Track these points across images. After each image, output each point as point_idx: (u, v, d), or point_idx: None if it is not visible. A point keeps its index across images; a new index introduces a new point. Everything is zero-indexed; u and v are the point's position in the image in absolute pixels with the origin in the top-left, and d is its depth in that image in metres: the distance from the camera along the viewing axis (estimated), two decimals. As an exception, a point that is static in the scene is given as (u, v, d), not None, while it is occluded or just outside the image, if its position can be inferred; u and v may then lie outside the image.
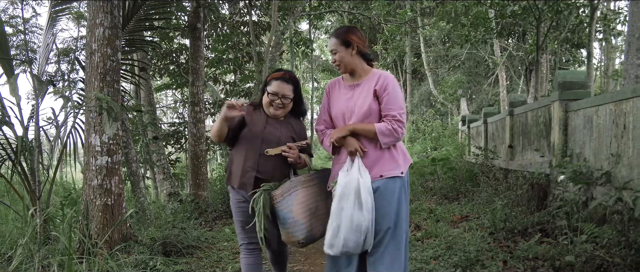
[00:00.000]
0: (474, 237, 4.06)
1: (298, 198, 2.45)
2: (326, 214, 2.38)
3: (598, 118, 4.07)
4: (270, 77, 2.64)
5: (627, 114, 3.53)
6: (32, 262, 3.81)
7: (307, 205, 2.46)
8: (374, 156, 2.38)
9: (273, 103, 2.58)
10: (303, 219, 2.42)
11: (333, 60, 2.51)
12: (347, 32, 2.48)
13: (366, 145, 2.38)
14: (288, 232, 2.45)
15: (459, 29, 11.87)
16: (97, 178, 4.36)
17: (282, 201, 2.44)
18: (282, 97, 2.57)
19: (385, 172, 2.36)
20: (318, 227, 2.46)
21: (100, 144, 4.39)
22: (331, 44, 2.50)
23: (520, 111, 6.65)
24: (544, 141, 5.45)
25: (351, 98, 2.47)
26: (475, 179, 7.31)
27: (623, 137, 3.61)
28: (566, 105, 4.78)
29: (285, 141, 2.57)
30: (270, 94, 2.57)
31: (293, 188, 2.47)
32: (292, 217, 2.42)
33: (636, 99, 3.40)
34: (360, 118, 2.40)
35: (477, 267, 3.17)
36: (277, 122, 2.63)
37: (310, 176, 2.56)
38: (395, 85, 2.42)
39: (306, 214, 2.43)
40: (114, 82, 4.53)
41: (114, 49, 4.52)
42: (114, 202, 4.39)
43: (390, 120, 2.35)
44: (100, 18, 4.45)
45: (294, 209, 2.42)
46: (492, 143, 8.38)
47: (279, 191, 2.46)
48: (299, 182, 2.51)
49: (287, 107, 2.62)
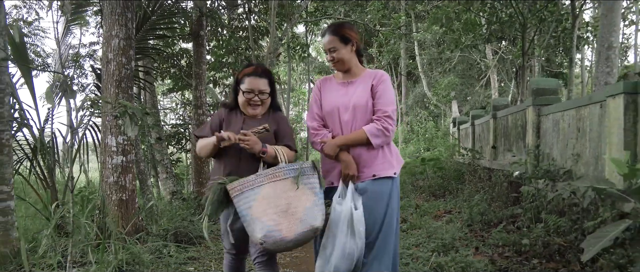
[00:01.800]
0: (453, 228, 4.55)
1: (262, 193, 2.18)
2: (307, 213, 2.18)
3: (563, 122, 4.56)
4: (241, 74, 2.45)
5: (585, 119, 4.02)
6: (54, 251, 4.26)
7: (274, 202, 2.17)
8: (366, 156, 2.32)
9: (250, 102, 2.39)
10: (265, 217, 2.14)
11: (330, 58, 2.38)
12: (343, 28, 2.38)
13: (358, 146, 2.32)
14: (248, 230, 2.19)
15: (451, 34, 12.38)
16: (113, 175, 4.80)
17: (240, 196, 2.18)
18: (259, 93, 2.39)
19: (378, 172, 2.32)
20: (291, 227, 2.15)
21: (116, 145, 4.83)
22: (328, 41, 2.36)
23: (502, 114, 7.14)
24: (522, 142, 5.94)
25: (345, 94, 2.39)
26: (462, 178, 7.80)
27: (582, 139, 4.10)
28: (539, 110, 5.27)
29: (266, 138, 2.34)
30: (245, 92, 2.38)
31: (257, 182, 2.20)
32: (250, 214, 2.15)
33: (592, 105, 3.89)
34: (357, 114, 2.34)
35: (452, 252, 3.64)
36: (255, 120, 2.42)
37: (280, 168, 2.24)
38: (389, 83, 2.40)
39: (271, 211, 2.16)
40: (128, 88, 4.98)
41: (128, 58, 4.97)
42: (128, 198, 4.84)
43: (381, 117, 2.31)
44: (115, 30, 4.89)
45: (255, 206, 2.16)
46: (479, 144, 8.87)
47: (236, 183, 2.20)
48: (267, 175, 2.22)
49: (265, 103, 2.44)
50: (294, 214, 2.17)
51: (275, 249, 2.21)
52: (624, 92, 3.12)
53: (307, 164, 2.29)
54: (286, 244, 2.16)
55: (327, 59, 2.41)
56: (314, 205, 2.22)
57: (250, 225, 2.16)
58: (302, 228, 2.16)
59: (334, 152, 2.31)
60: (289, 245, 2.18)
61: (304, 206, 2.19)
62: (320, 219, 2.21)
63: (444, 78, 20.78)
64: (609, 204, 2.88)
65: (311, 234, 2.19)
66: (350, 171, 2.28)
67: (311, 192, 2.24)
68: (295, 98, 28.33)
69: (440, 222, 5.09)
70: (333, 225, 2.22)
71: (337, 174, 2.37)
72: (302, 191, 2.22)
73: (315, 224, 2.19)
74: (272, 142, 2.39)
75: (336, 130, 2.39)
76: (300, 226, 2.15)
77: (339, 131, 2.38)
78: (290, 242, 2.16)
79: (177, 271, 3.63)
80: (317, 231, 2.20)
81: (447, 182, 7.86)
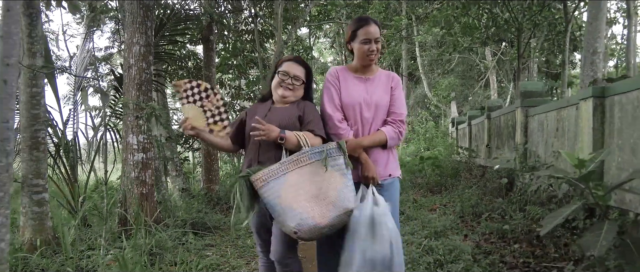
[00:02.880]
0: (446, 219, 4.97)
1: (288, 181, 2.11)
2: (339, 196, 2.12)
3: (547, 122, 4.98)
4: (281, 61, 2.49)
5: (564, 119, 4.44)
6: (81, 239, 4.70)
7: (303, 188, 2.11)
8: (381, 156, 2.38)
9: (283, 83, 2.37)
10: (295, 204, 2.07)
11: (373, 49, 2.35)
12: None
13: (376, 147, 2.37)
14: (279, 221, 2.14)
15: (450, 37, 12.80)
16: (134, 171, 5.24)
17: (267, 187, 2.11)
18: (293, 78, 2.38)
19: (393, 172, 2.42)
20: (324, 213, 2.09)
21: (137, 143, 5.27)
22: (375, 31, 2.36)
23: (495, 115, 7.57)
24: (512, 140, 6.36)
25: (366, 91, 2.40)
26: (459, 175, 8.22)
27: (561, 138, 4.52)
28: (526, 111, 5.69)
29: (287, 124, 2.27)
30: (281, 73, 2.39)
31: (281, 170, 2.14)
32: (280, 204, 2.08)
33: (569, 107, 4.31)
34: (378, 113, 2.38)
35: (443, 238, 4.06)
36: (280, 109, 2.39)
37: (304, 153, 2.17)
38: (402, 87, 2.51)
39: (301, 199, 2.10)
40: (148, 91, 5.41)
41: (148, 63, 5.40)
42: (148, 191, 5.28)
43: (397, 122, 2.39)
44: (136, 38, 5.33)
45: (283, 195, 2.09)
46: (475, 143, 9.30)
47: (260, 174, 2.12)
48: (291, 162, 2.16)
49: (296, 90, 2.40)
50: (326, 198, 2.11)
51: (310, 237, 2.12)
52: (593, 96, 3.54)
53: (332, 146, 2.19)
54: (321, 230, 2.09)
55: (368, 48, 2.35)
56: (345, 186, 2.15)
57: (281, 215, 2.09)
58: (336, 212, 2.10)
59: (357, 153, 2.30)
60: (324, 231, 2.11)
61: (336, 189, 2.12)
62: (353, 199, 2.15)
63: (445, 79, 21.21)
64: (579, 193, 3.30)
65: (345, 217, 2.13)
66: (371, 173, 2.28)
67: (339, 174, 2.16)
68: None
69: (434, 214, 5.52)
70: (352, 229, 2.15)
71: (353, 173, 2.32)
72: (330, 174, 2.14)
73: (350, 205, 2.13)
74: (296, 128, 2.29)
75: (356, 125, 2.38)
76: (333, 210, 2.09)
77: (359, 127, 2.38)
78: (324, 228, 2.10)
79: (197, 255, 4.05)
80: (351, 212, 2.14)
81: (444, 179, 8.27)
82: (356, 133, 2.37)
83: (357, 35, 2.37)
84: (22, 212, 4.44)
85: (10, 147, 1.87)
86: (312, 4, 11.16)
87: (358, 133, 2.38)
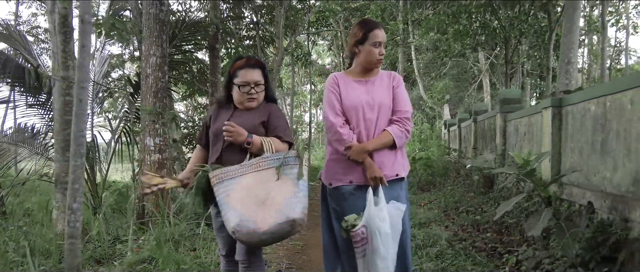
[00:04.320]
0: (431, 213, 5.58)
1: (242, 183, 2.14)
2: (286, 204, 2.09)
3: (520, 127, 5.59)
4: (233, 67, 2.38)
5: (533, 125, 5.05)
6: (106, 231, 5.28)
7: (254, 191, 2.12)
8: (389, 156, 2.36)
9: (247, 95, 2.32)
10: (240, 205, 2.08)
11: (383, 52, 2.41)
12: None
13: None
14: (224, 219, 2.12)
15: (443, 43, 13.43)
16: (151, 170, 5.83)
17: (220, 185, 2.14)
18: (255, 86, 2.32)
19: (400, 172, 2.39)
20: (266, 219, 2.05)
21: (154, 145, 5.86)
22: (384, 36, 2.41)
23: (481, 119, 8.18)
24: (493, 143, 6.97)
25: (367, 92, 2.40)
26: (447, 175, 8.82)
27: (531, 141, 5.12)
28: (505, 117, 6.30)
29: (249, 129, 2.25)
30: (241, 86, 2.32)
31: (239, 172, 2.17)
32: (227, 203, 2.10)
33: (537, 114, 4.91)
34: (381, 113, 2.37)
35: (425, 228, 4.66)
36: (244, 112, 2.37)
37: (264, 158, 2.19)
38: (404, 85, 2.49)
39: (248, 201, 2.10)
40: (163, 97, 6.00)
41: (163, 72, 5.99)
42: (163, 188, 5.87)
43: (402, 118, 2.37)
44: (153, 50, 5.91)
45: (232, 194, 2.11)
46: (464, 144, 9.92)
47: (217, 172, 2.16)
48: (251, 165, 2.18)
49: (260, 96, 2.37)
50: (272, 205, 2.09)
51: (249, 241, 2.08)
52: (552, 106, 4.15)
53: (291, 154, 2.22)
54: (260, 236, 2.04)
55: (378, 51, 2.40)
56: (293, 196, 2.14)
57: (226, 213, 2.09)
58: (278, 219, 2.05)
59: (362, 158, 2.29)
60: (264, 237, 2.06)
61: (283, 197, 2.12)
62: (299, 211, 2.09)
63: (439, 82, 21.85)
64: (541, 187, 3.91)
65: (287, 227, 2.06)
66: (374, 173, 2.27)
67: (292, 182, 2.17)
68: (296, 100, 29.37)
69: (422, 209, 6.12)
70: (383, 236, 2.14)
71: (359, 172, 2.34)
72: (283, 181, 2.16)
73: (292, 215, 2.07)
74: (261, 133, 2.29)
75: (359, 127, 2.36)
76: (276, 217, 2.05)
77: (363, 129, 2.36)
78: (264, 235, 2.04)
79: (211, 242, 4.64)
80: (294, 223, 2.06)
81: (434, 178, 8.87)
82: (360, 135, 2.36)
83: (368, 37, 2.38)
84: (55, 207, 5.02)
85: (83, 150, 2.47)
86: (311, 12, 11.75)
87: (362, 134, 2.36)
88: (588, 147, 3.51)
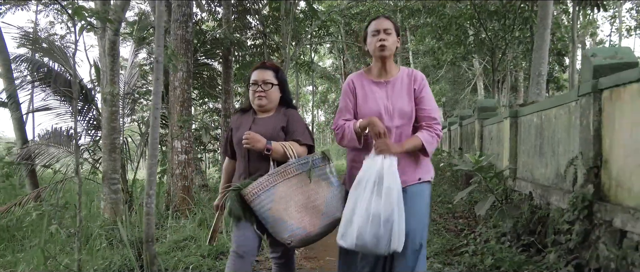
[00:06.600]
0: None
1: (278, 193, 2.17)
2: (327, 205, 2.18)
3: (492, 131, 6.60)
4: (251, 70, 2.51)
5: (500, 130, 6.06)
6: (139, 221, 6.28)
7: (293, 199, 2.18)
8: (409, 161, 2.27)
9: (255, 93, 2.40)
10: (286, 216, 2.15)
11: (381, 39, 2.26)
12: (395, 22, 2.35)
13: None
14: (273, 232, 2.20)
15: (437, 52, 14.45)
16: (178, 169, 6.84)
17: (257, 200, 2.17)
18: (263, 83, 2.39)
19: (423, 176, 2.31)
20: (314, 222, 2.18)
21: (180, 146, 6.87)
22: (383, 21, 2.30)
23: (465, 123, 9.18)
24: (474, 145, 7.97)
25: (385, 97, 2.31)
26: (438, 174, 9.84)
27: (499, 144, 6.13)
28: (482, 122, 7.30)
29: (271, 134, 2.31)
30: (252, 84, 2.43)
31: (270, 183, 2.19)
32: (272, 215, 2.15)
33: (505, 120, 5.91)
34: (402, 121, 2.28)
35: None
36: (264, 119, 2.43)
37: (290, 164, 2.24)
38: (428, 85, 2.36)
39: (292, 209, 2.17)
40: (189, 107, 7.02)
41: (188, 85, 7.01)
42: (188, 184, 6.89)
43: (432, 125, 2.28)
44: (180, 65, 6.93)
45: (274, 207, 2.15)
46: (453, 146, 10.92)
47: (250, 188, 2.17)
48: (278, 173, 2.21)
49: (270, 95, 2.41)
50: (315, 207, 2.19)
51: (303, 245, 2.28)
52: (510, 116, 5.16)
53: (317, 156, 2.27)
54: (312, 238, 2.22)
55: (377, 38, 2.29)
56: (332, 196, 2.23)
57: (273, 227, 2.18)
58: (325, 222, 2.21)
59: (395, 150, 2.16)
60: (316, 238, 2.25)
61: (324, 198, 2.20)
62: (341, 208, 2.19)
63: (436, 85, 22.88)
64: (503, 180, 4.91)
65: (335, 224, 2.24)
66: (380, 128, 2.14)
67: (326, 183, 2.26)
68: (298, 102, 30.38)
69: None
70: (357, 183, 2.13)
71: None
72: (317, 184, 2.23)
73: (338, 214, 2.20)
74: (280, 138, 2.34)
75: None
76: (323, 219, 2.19)
77: None
78: (316, 236, 2.23)
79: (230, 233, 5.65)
80: (339, 220, 2.17)
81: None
82: None
83: (368, 31, 2.36)
84: (103, 198, 6.03)
85: (157, 151, 3.48)
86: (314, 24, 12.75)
87: None
88: (532, 150, 4.53)
